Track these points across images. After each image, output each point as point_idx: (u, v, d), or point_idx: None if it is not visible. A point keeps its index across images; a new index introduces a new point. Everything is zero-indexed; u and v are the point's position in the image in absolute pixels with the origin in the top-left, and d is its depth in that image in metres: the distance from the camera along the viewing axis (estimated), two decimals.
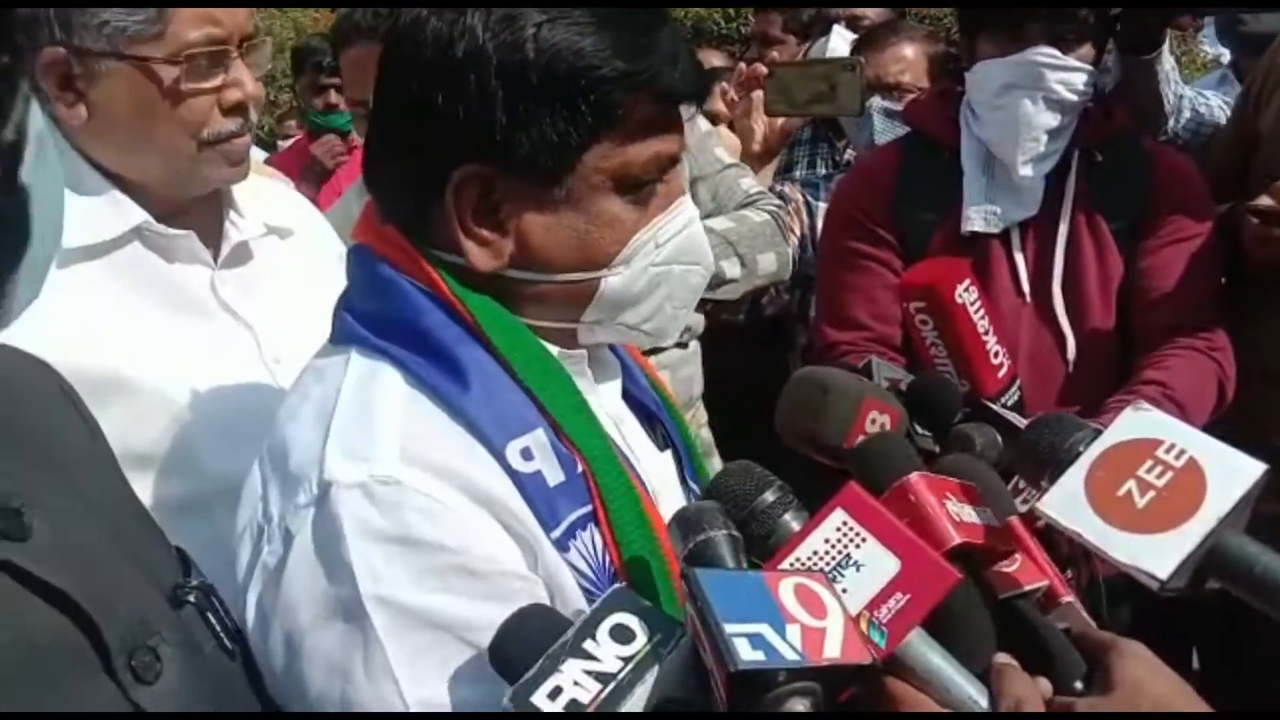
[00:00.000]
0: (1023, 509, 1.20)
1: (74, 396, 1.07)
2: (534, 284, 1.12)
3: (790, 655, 0.82)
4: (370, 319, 1.13)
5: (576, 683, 0.86)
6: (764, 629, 0.83)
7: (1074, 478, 1.00)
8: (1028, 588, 1.07)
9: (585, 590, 1.06)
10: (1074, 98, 2.12)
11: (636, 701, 0.86)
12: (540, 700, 0.85)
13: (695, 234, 1.18)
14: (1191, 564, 0.94)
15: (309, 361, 1.19)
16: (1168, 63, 2.42)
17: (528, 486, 1.05)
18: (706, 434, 2.64)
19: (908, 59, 2.99)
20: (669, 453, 1.31)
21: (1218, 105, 2.61)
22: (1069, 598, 1.12)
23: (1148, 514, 0.96)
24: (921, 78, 2.96)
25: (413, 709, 0.98)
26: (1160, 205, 2.20)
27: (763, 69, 2.71)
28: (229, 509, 1.48)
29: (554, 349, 1.15)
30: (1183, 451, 0.99)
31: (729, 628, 0.82)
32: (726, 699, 0.83)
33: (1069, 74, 2.11)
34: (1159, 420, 1.02)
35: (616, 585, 0.95)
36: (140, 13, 1.43)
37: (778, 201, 2.58)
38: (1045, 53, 2.09)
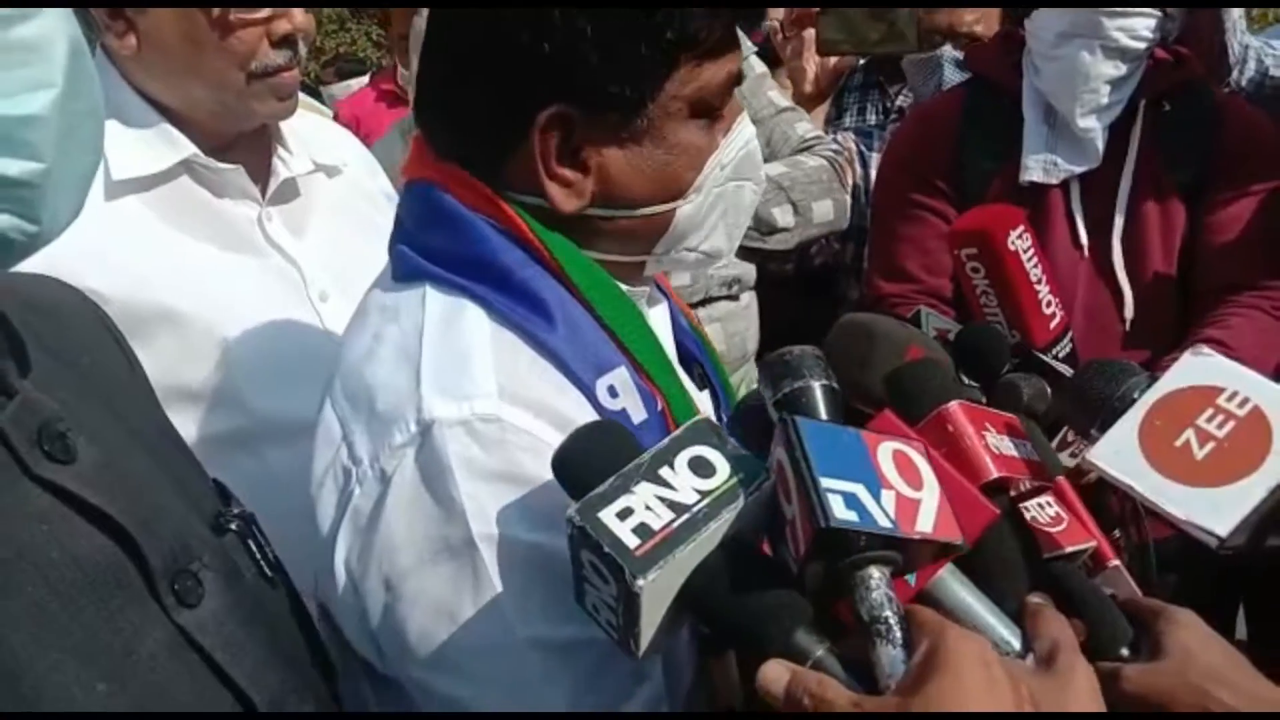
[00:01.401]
0: (1071, 463, 1.16)
1: (113, 328, 1.07)
2: (614, 220, 1.10)
3: (883, 521, 0.79)
4: (442, 255, 1.10)
5: (649, 507, 0.83)
6: (859, 489, 0.80)
7: (1127, 427, 0.96)
8: (1073, 549, 1.04)
9: None
10: (1137, 45, 2.05)
11: (708, 538, 0.83)
12: (608, 518, 0.82)
13: (753, 150, 1.17)
14: (1254, 520, 0.90)
15: (371, 298, 1.16)
16: (1235, 11, 2.33)
17: None
18: None
19: (982, 8, 2.90)
20: (706, 392, 1.30)
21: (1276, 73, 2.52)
22: (1116, 562, 1.09)
23: (1207, 466, 0.92)
24: (995, 28, 2.86)
25: (522, 647, 0.98)
26: (1228, 157, 2.12)
27: (814, 8, 2.63)
28: (274, 444, 1.50)
29: (622, 286, 1.14)
30: (1246, 399, 0.94)
31: (825, 482, 0.79)
32: (804, 553, 0.80)
33: (1130, 20, 2.03)
34: (1221, 365, 0.98)
35: (699, 417, 0.92)
36: None
37: (834, 145, 2.51)
38: None
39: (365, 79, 5.99)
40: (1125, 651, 0.94)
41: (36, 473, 0.79)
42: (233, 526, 0.96)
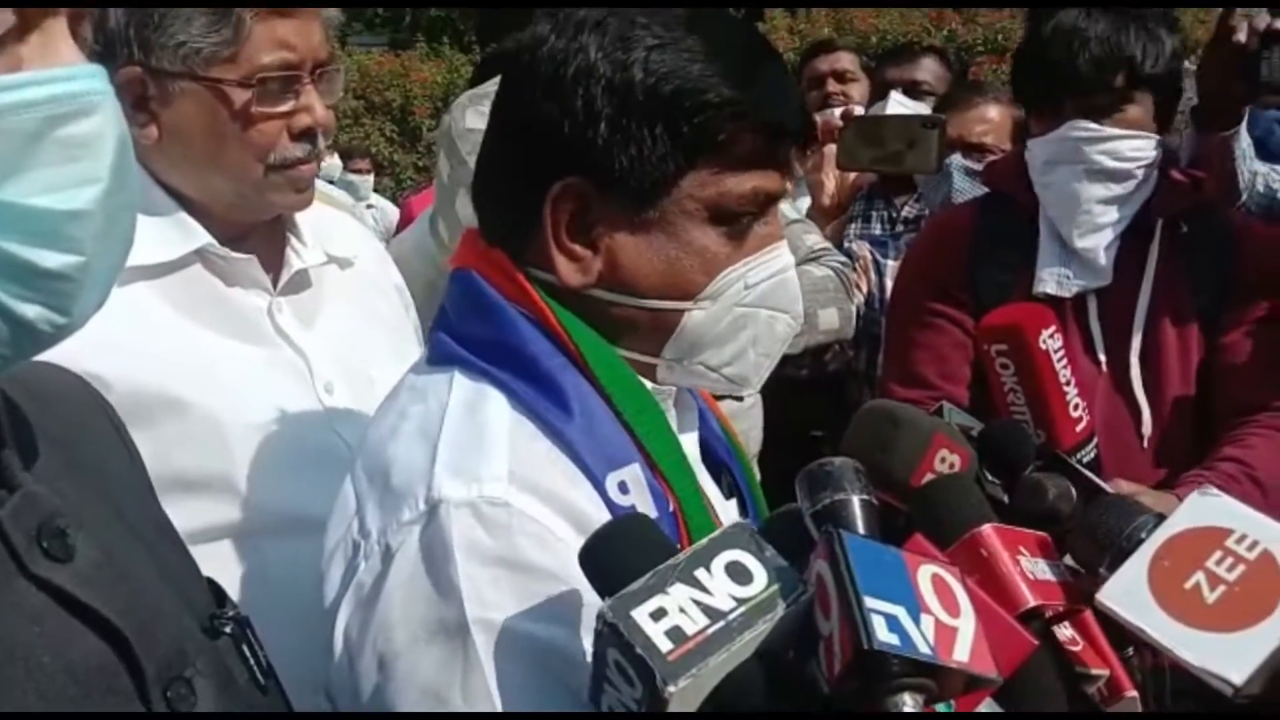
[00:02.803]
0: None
1: (114, 418, 1.06)
2: (619, 307, 1.13)
3: (923, 648, 0.78)
4: (473, 342, 1.13)
5: (683, 610, 0.82)
6: (900, 612, 0.79)
7: (1136, 567, 0.95)
8: (1091, 672, 1.02)
9: None
10: (1123, 165, 2.09)
11: (741, 649, 0.81)
12: (641, 617, 0.80)
13: (788, 281, 1.18)
14: (1269, 668, 0.88)
15: (404, 380, 1.19)
16: (1244, 140, 2.37)
17: None
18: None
19: (992, 121, 2.98)
20: (734, 501, 1.29)
21: None
22: (1133, 693, 1.06)
23: (1219, 610, 0.91)
24: (1004, 140, 2.94)
25: None
26: (1246, 279, 2.14)
27: (838, 121, 2.66)
28: (269, 538, 1.48)
29: (646, 384, 1.15)
30: (1256, 543, 0.93)
31: (869, 602, 0.78)
32: (839, 673, 0.78)
33: (1112, 143, 2.08)
34: (1228, 507, 0.97)
35: (738, 521, 0.92)
36: (216, 35, 1.44)
37: (842, 258, 2.54)
38: (1079, 127, 2.08)
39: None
40: None
41: (33, 571, 0.77)
42: (227, 630, 0.93)
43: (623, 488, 1.06)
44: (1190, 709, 1.79)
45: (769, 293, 1.15)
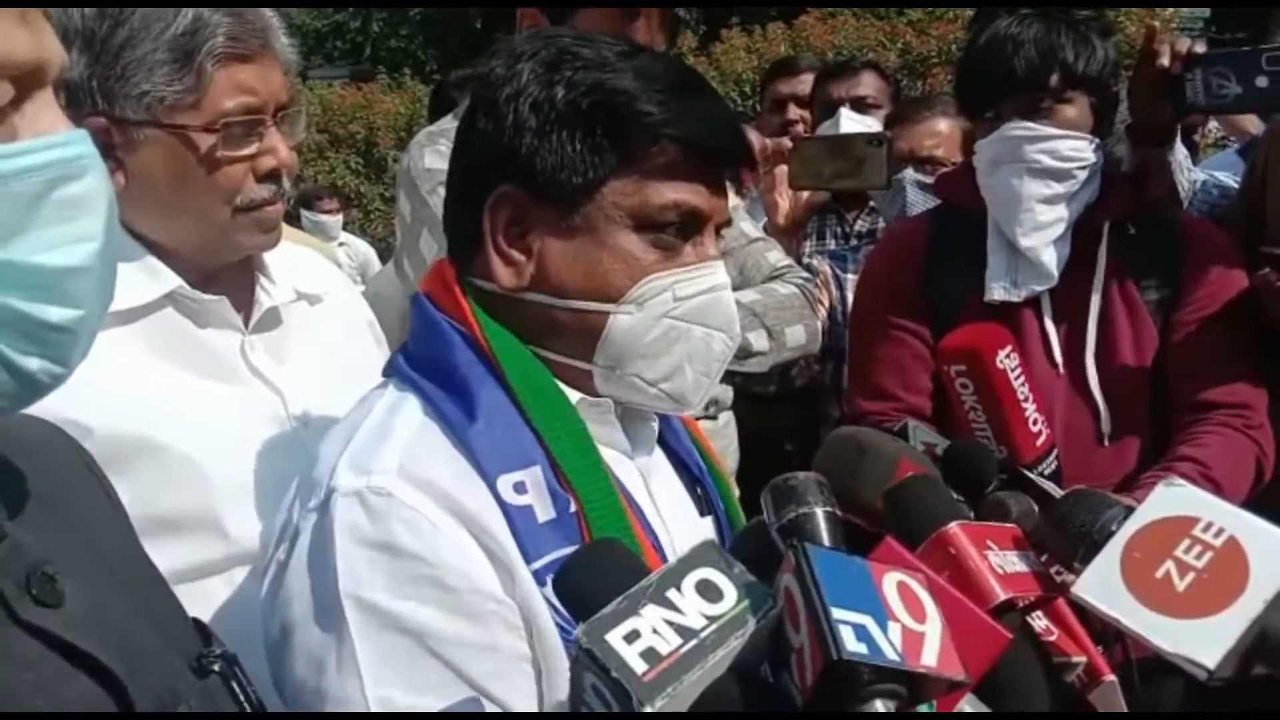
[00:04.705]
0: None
1: (94, 467, 1.08)
2: (549, 309, 1.19)
3: (891, 655, 0.80)
4: (414, 358, 1.23)
5: (656, 631, 0.83)
6: (868, 621, 0.81)
7: (1109, 559, 0.97)
8: (1068, 659, 1.04)
9: (560, 628, 1.09)
10: (1062, 164, 2.14)
11: (714, 666, 0.83)
12: (615, 640, 0.82)
13: (721, 300, 1.22)
14: (1240, 650, 0.90)
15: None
16: (1180, 152, 2.44)
17: (515, 518, 1.11)
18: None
19: (942, 134, 3.01)
20: (710, 519, 1.33)
21: (1231, 186, 2.62)
22: (1111, 677, 1.09)
23: (1189, 597, 0.93)
24: (955, 153, 2.97)
25: (370, 706, 1.05)
26: (1194, 276, 2.18)
27: (787, 143, 2.71)
28: (252, 573, 1.49)
29: (575, 394, 1.20)
30: (1221, 530, 0.96)
31: (836, 612, 0.80)
32: (812, 684, 0.80)
33: (1050, 142, 2.13)
34: (1194, 496, 0.99)
35: (707, 539, 0.93)
36: (179, 82, 1.46)
37: (805, 274, 2.57)
38: (1018, 126, 2.13)
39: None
40: None
41: (24, 618, 0.79)
42: (216, 668, 0.95)
43: (519, 488, 1.12)
44: (1182, 687, 1.84)
45: (701, 309, 1.19)
